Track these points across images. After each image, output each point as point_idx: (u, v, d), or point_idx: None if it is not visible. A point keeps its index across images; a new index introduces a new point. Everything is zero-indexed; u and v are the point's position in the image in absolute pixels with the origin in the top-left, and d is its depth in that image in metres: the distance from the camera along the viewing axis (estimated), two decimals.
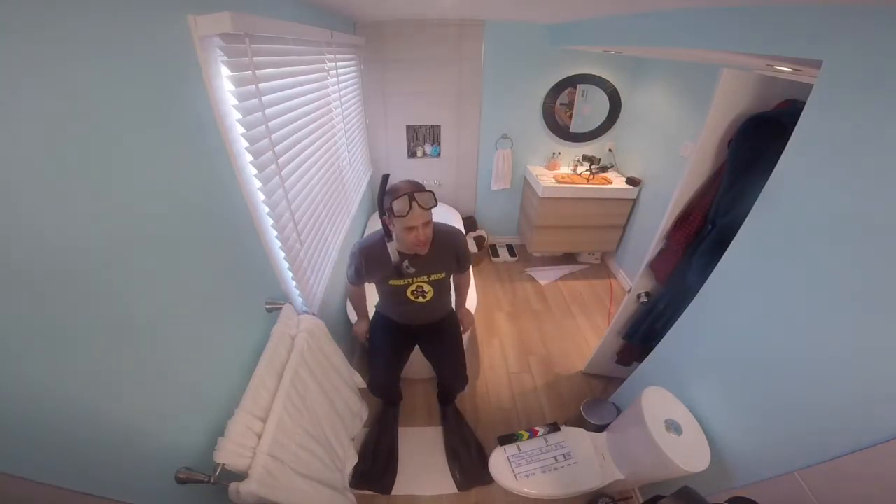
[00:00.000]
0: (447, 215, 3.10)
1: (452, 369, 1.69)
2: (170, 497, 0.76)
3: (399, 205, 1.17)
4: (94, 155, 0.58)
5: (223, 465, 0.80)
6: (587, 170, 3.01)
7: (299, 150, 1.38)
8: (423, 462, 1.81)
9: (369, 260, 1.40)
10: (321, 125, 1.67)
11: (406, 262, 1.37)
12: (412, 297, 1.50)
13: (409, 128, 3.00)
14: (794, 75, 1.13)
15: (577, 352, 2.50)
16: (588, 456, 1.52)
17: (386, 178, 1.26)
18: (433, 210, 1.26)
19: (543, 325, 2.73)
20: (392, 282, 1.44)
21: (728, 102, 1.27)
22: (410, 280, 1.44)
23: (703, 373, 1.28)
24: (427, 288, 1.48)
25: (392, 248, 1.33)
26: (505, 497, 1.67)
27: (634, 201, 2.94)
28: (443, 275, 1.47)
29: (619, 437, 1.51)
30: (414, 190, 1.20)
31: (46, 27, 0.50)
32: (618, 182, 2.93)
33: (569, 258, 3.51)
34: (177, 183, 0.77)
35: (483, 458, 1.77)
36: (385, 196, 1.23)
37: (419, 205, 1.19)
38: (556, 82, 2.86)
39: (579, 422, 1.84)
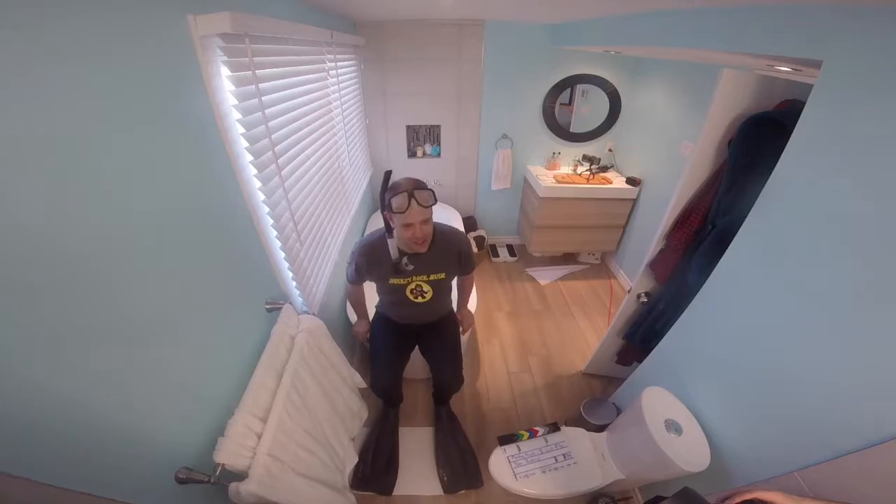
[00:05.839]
0: (447, 215, 3.10)
1: (449, 369, 1.69)
2: (170, 497, 0.76)
3: (398, 201, 1.20)
4: (93, 155, 0.58)
5: (223, 464, 0.80)
6: (587, 170, 3.01)
7: (299, 150, 1.38)
8: (422, 462, 1.81)
9: (370, 257, 1.41)
10: (321, 125, 1.67)
11: (405, 259, 1.38)
12: (411, 297, 1.50)
13: (409, 128, 3.00)
14: (794, 75, 1.13)
15: (577, 352, 2.50)
16: (588, 456, 1.52)
17: (388, 174, 1.29)
18: (433, 209, 1.27)
19: (543, 325, 2.73)
20: (392, 280, 1.44)
21: (728, 102, 1.27)
22: (410, 279, 1.44)
23: (703, 372, 1.28)
24: (426, 288, 1.48)
25: (392, 244, 1.35)
26: (505, 497, 1.67)
27: (634, 201, 2.95)
28: (443, 275, 1.47)
29: (619, 437, 1.51)
30: (414, 188, 1.22)
31: (46, 26, 0.50)
32: (618, 182, 2.93)
33: (569, 258, 3.51)
34: (176, 183, 0.77)
35: (473, 462, 1.77)
36: (386, 192, 1.26)
37: (418, 202, 1.21)
38: (556, 82, 2.86)
39: (579, 422, 1.84)
